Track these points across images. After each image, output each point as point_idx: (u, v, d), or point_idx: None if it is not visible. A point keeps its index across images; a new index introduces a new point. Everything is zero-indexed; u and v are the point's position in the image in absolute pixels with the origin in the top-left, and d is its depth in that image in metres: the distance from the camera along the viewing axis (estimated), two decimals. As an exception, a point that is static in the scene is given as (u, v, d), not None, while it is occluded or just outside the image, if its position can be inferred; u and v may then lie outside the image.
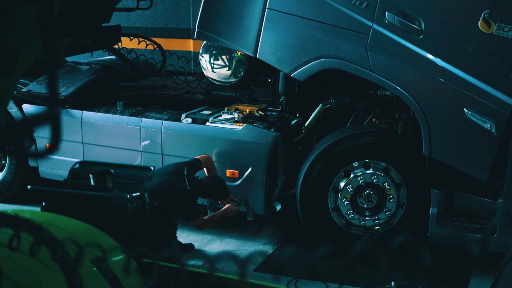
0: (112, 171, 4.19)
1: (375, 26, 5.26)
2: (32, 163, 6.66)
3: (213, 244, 6.08)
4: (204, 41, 6.28)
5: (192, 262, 5.61)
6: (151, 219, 4.40)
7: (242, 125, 5.84)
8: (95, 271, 2.72)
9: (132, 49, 7.84)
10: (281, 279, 5.32)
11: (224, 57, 6.27)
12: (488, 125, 5.04)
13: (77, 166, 4.67)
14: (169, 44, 8.57)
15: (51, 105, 1.62)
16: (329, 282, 5.33)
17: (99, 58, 8.35)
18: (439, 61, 5.11)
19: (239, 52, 6.14)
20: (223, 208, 5.75)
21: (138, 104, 6.73)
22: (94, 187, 4.16)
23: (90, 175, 4.15)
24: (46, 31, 1.69)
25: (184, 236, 6.04)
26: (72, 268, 2.06)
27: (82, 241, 2.55)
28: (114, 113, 6.46)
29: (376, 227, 5.67)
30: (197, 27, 5.87)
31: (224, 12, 5.76)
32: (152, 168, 4.60)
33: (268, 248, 6.06)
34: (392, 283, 5.14)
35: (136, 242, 4.03)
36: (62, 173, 5.93)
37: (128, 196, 4.03)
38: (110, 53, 7.90)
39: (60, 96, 6.60)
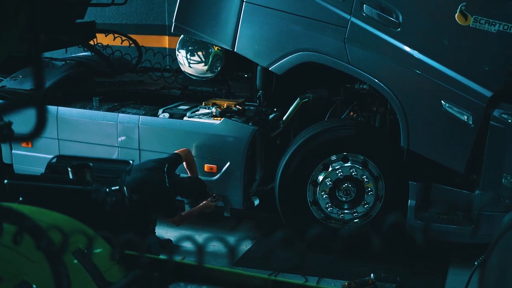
0: (91, 164, 4.13)
1: (353, 19, 5.27)
2: (6, 160, 6.58)
3: (188, 240, 6.03)
4: (181, 36, 6.24)
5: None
6: (131, 214, 4.35)
7: (220, 120, 5.82)
8: (76, 263, 2.69)
9: (107, 45, 7.77)
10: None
11: (200, 52, 6.24)
12: (465, 117, 5.08)
13: (54, 160, 4.60)
14: (144, 40, 8.50)
15: (36, 88, 1.58)
16: (309, 276, 5.33)
17: (73, 55, 8.27)
18: (416, 54, 5.14)
19: (216, 47, 6.12)
20: (201, 204, 5.73)
21: (114, 99, 6.67)
22: (72, 180, 4.09)
23: (69, 169, 4.08)
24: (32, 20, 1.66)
25: (162, 232, 6.01)
26: (57, 256, 2.02)
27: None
28: (90, 108, 6.40)
29: (355, 220, 5.68)
30: (175, 21, 5.83)
31: (201, 5, 5.73)
32: (131, 162, 4.55)
33: (247, 243, 6.05)
34: (372, 275, 5.15)
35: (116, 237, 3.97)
36: (37, 170, 5.84)
37: (107, 189, 3.98)
38: (85, 49, 7.82)
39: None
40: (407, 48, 5.16)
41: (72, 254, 2.68)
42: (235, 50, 5.70)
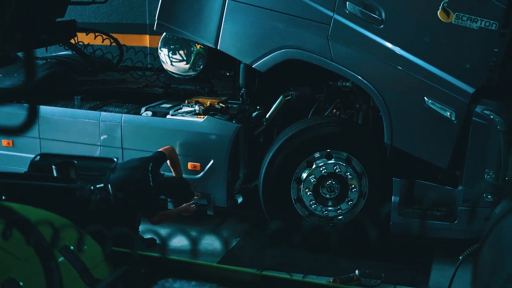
0: (76, 162, 4.11)
1: (336, 16, 5.28)
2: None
3: (175, 239, 6.00)
4: (163, 35, 6.22)
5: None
6: (116, 212, 4.33)
7: (204, 117, 5.81)
8: (63, 260, 2.66)
9: (88, 44, 7.72)
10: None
11: (182, 50, 6.22)
12: (448, 113, 5.11)
13: (37, 158, 4.56)
14: (125, 39, 8.44)
15: (27, 78, 1.57)
16: (293, 273, 5.33)
17: (53, 54, 8.20)
18: (399, 51, 5.16)
19: (199, 45, 6.11)
20: (180, 207, 5.74)
21: (96, 98, 6.63)
22: (57, 178, 4.07)
23: (53, 166, 4.05)
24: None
25: (145, 231, 5.96)
26: (48, 251, 2.00)
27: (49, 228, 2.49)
28: (72, 107, 6.35)
29: (339, 217, 5.69)
30: (157, 18, 5.81)
31: (184, 3, 5.72)
32: (115, 159, 4.53)
33: (231, 241, 6.04)
34: (356, 271, 5.18)
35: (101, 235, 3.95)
36: (18, 170, 5.78)
37: (92, 187, 3.95)
38: (66, 48, 7.76)
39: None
40: (390, 45, 5.18)
41: (59, 251, 2.66)
42: (218, 48, 5.69)
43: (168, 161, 5.65)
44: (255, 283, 2.79)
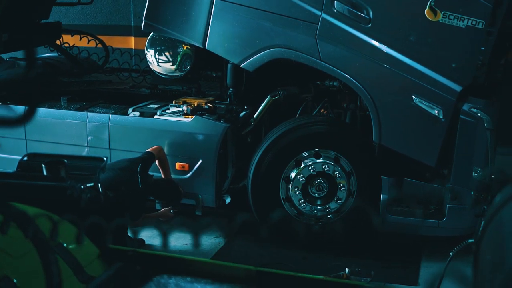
0: (65, 161, 4.07)
1: (324, 15, 5.30)
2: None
3: (163, 239, 6.00)
4: (150, 35, 6.20)
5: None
6: (107, 212, 4.30)
7: (192, 117, 5.79)
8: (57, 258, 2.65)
9: (73, 45, 7.68)
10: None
11: (169, 51, 6.20)
12: (436, 111, 5.14)
13: (25, 158, 4.52)
14: (110, 41, 8.39)
15: (28, 68, 1.56)
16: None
17: (39, 55, 8.14)
18: (387, 49, 5.19)
19: (185, 46, 6.10)
20: (159, 212, 5.73)
21: (83, 99, 6.59)
22: (47, 177, 4.03)
23: (43, 165, 4.01)
24: None
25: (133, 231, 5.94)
26: (46, 244, 1.99)
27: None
28: (58, 108, 6.31)
29: (328, 216, 5.70)
30: (144, 18, 5.79)
31: (172, 3, 5.71)
32: (105, 158, 4.50)
33: (220, 241, 6.03)
34: (346, 269, 5.18)
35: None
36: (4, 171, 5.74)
37: (82, 186, 3.92)
38: (51, 49, 7.71)
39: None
40: (377, 44, 5.21)
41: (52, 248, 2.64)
42: (206, 48, 5.68)
43: (156, 161, 5.63)
44: (250, 279, 2.79)
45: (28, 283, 2.29)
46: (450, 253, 4.16)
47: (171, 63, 6.21)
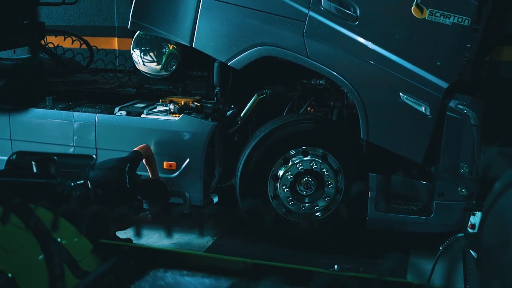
0: (55, 158, 4.05)
1: (311, 13, 5.31)
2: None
3: (151, 238, 5.98)
4: (136, 34, 6.18)
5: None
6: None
7: (179, 116, 5.78)
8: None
9: (58, 45, 7.64)
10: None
11: (155, 50, 6.19)
12: (423, 108, 5.17)
13: (14, 157, 4.49)
14: (93, 42, 8.33)
15: (32, 54, 1.54)
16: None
17: (21, 57, 8.07)
18: (374, 47, 5.21)
19: (171, 46, 6.09)
20: (137, 216, 5.71)
21: (68, 99, 6.55)
22: (36, 174, 4.00)
23: (33, 162, 3.98)
24: None
25: (121, 231, 5.92)
26: (48, 234, 1.98)
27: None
28: (44, 108, 6.27)
29: (316, 214, 5.72)
30: (131, 17, 5.77)
31: (159, 1, 5.69)
32: (94, 156, 4.48)
33: (208, 240, 6.02)
34: (335, 266, 5.19)
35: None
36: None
37: (72, 183, 3.90)
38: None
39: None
40: (365, 42, 5.23)
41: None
42: (193, 46, 5.67)
43: (144, 160, 5.61)
44: (247, 271, 2.79)
45: (26, 275, 2.28)
46: (440, 248, 4.19)
47: (156, 63, 6.20)
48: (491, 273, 1.94)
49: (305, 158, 5.62)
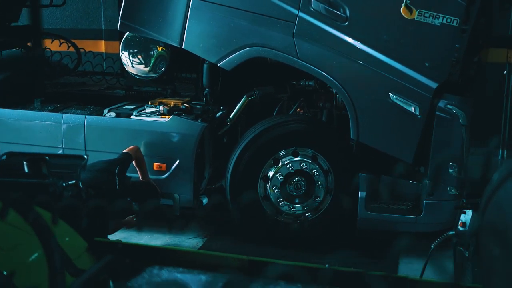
0: (47, 157, 4.03)
1: (301, 14, 5.33)
2: None
3: (141, 240, 5.97)
4: (125, 36, 6.17)
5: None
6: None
7: (168, 117, 5.77)
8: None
9: (45, 47, 7.60)
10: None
11: (144, 52, 6.18)
12: (412, 108, 5.20)
13: (4, 157, 4.46)
14: (80, 45, 8.29)
15: (34, 47, 1.54)
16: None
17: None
18: (364, 47, 5.24)
19: (160, 47, 6.08)
20: (123, 220, 5.69)
21: (57, 101, 6.53)
22: (28, 174, 3.98)
23: (24, 162, 3.96)
24: None
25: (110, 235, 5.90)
26: (47, 229, 1.96)
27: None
28: (32, 110, 6.24)
29: (307, 214, 5.73)
30: (121, 18, 5.75)
31: (148, 2, 5.68)
32: (85, 156, 4.46)
33: (198, 241, 6.01)
34: (327, 265, 5.20)
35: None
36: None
37: (64, 183, 3.88)
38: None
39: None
40: (354, 42, 5.25)
41: (41, 242, 2.61)
42: (183, 47, 5.67)
43: (133, 161, 5.59)
44: (242, 268, 2.80)
45: (24, 272, 2.26)
46: (431, 246, 4.22)
47: (145, 65, 6.19)
48: (489, 267, 1.95)
49: (295, 159, 5.63)
